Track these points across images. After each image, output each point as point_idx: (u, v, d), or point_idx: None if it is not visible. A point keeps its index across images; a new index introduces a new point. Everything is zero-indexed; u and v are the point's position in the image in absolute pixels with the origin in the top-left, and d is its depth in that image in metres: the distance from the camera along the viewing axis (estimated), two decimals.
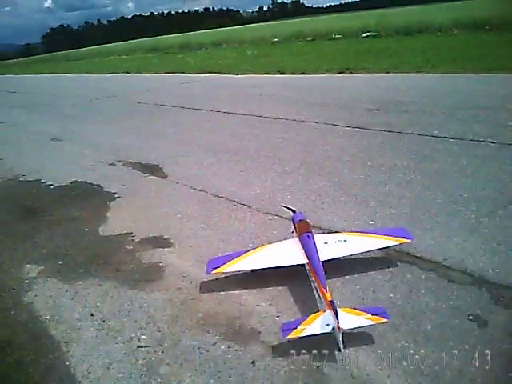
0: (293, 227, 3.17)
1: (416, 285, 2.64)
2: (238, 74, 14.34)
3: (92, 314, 2.76)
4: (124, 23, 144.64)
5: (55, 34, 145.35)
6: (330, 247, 2.86)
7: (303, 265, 2.79)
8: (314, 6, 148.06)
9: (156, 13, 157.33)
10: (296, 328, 2.17)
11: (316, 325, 2.18)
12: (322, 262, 2.66)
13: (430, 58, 11.62)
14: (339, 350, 2.15)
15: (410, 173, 4.42)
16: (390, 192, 4.03)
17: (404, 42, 17.19)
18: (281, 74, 13.03)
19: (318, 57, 15.57)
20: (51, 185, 5.45)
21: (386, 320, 2.19)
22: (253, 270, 2.87)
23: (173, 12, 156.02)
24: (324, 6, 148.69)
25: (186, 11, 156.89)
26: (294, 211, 3.34)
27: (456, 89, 8.24)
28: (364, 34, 21.61)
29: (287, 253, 2.89)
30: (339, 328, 2.11)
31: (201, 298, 2.77)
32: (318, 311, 2.31)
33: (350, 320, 2.17)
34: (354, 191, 4.13)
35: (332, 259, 2.76)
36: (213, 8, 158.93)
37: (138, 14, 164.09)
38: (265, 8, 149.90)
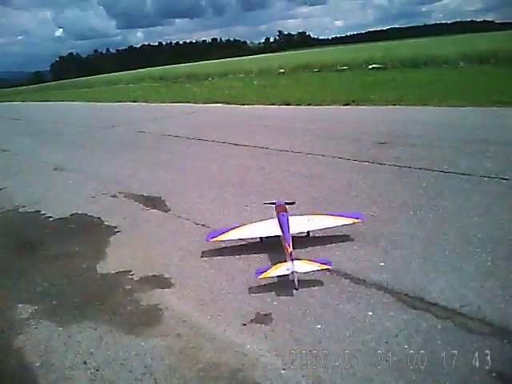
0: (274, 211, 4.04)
1: (432, 335, 2.46)
2: (243, 105, 14.35)
3: (85, 362, 2.59)
4: (132, 52, 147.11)
5: (64, 62, 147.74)
6: (299, 223, 3.82)
7: (279, 236, 3.64)
8: (320, 38, 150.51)
9: (164, 43, 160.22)
10: (266, 271, 3.10)
11: (280, 269, 3.09)
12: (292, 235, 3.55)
13: (437, 91, 11.58)
14: (296, 289, 3.07)
15: (420, 210, 4.26)
16: (401, 230, 3.87)
17: (410, 74, 17.23)
18: (287, 104, 13.00)
19: (324, 88, 15.58)
20: (50, 217, 5.33)
21: (329, 267, 3.13)
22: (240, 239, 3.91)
23: (181, 42, 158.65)
24: (330, 37, 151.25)
25: (194, 41, 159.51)
26: (274, 203, 4.21)
27: (464, 122, 8.13)
28: (370, 66, 21.72)
29: (267, 227, 3.86)
30: (295, 272, 3.04)
31: (201, 345, 2.60)
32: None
33: (304, 267, 3.09)
34: (362, 229, 3.97)
35: (299, 232, 3.78)
36: (220, 39, 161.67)
37: (146, 43, 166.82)
38: (271, 39, 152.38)
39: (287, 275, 3.09)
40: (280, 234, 3.62)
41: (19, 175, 7.80)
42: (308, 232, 3.90)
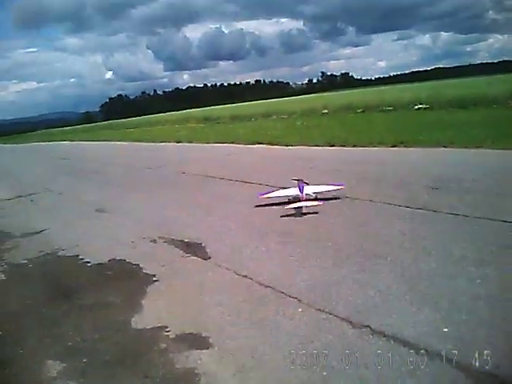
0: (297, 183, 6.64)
1: None
2: (287, 146, 14.15)
3: None
4: (178, 94, 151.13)
5: (113, 103, 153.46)
6: (309, 189, 6.57)
7: (298, 196, 6.35)
8: (364, 78, 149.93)
9: (209, 84, 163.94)
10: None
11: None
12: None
13: (489, 132, 11.03)
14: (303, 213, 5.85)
15: (483, 266, 3.83)
16: (463, 290, 3.46)
17: (458, 114, 16.68)
18: (331, 146, 12.70)
19: (369, 129, 15.23)
20: (88, 262, 5.19)
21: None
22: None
23: (225, 84, 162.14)
24: (373, 78, 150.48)
25: (238, 83, 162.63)
26: (297, 179, 6.71)
27: None
28: (416, 107, 21.26)
29: (293, 192, 6.54)
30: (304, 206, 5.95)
31: None
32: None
33: (311, 203, 6.01)
34: (419, 287, 3.59)
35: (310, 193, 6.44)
36: (263, 80, 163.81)
37: (192, 85, 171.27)
38: (314, 80, 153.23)
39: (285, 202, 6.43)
40: (299, 194, 6.39)
41: (61, 216, 7.81)
42: (316, 195, 6.51)
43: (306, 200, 6.22)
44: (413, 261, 4.12)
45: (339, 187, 6.64)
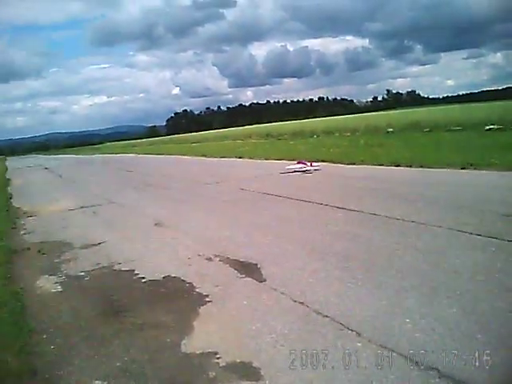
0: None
1: None
2: (349, 164, 13.77)
3: None
4: (242, 110, 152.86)
5: (178, 118, 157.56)
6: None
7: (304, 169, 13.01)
8: (431, 97, 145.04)
9: (272, 101, 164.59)
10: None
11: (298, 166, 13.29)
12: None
13: None
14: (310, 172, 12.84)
15: None
16: None
17: None
18: (396, 166, 12.21)
19: (436, 149, 14.56)
20: (143, 278, 5.14)
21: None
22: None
23: (288, 101, 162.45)
24: (441, 96, 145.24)
25: (301, 100, 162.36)
26: (299, 162, 13.62)
27: None
28: (487, 127, 20.25)
29: (298, 166, 13.32)
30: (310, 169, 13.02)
31: None
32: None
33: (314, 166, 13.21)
34: (493, 326, 3.23)
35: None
36: (327, 97, 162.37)
37: (255, 101, 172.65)
38: (379, 98, 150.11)
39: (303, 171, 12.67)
40: (302, 166, 13.08)
41: (120, 229, 7.89)
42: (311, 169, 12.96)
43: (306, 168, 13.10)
44: (486, 296, 3.75)
45: (319, 166, 13.31)
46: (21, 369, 3.35)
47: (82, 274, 5.55)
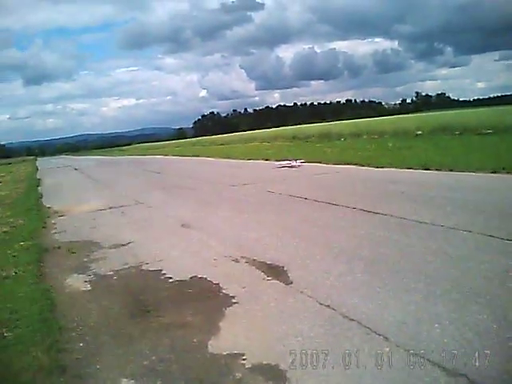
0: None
1: None
2: (377, 167, 13.58)
3: None
4: (268, 112, 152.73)
5: (205, 120, 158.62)
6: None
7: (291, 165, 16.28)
8: (461, 100, 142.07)
9: (299, 103, 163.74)
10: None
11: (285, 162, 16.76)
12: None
13: None
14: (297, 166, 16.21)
15: None
16: None
17: None
18: (425, 169, 12.00)
19: (467, 153, 14.27)
20: (171, 278, 5.19)
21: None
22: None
23: (315, 103, 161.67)
24: (471, 99, 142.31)
25: (328, 102, 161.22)
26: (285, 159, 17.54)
27: None
28: None
29: (287, 163, 16.94)
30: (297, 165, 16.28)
31: None
32: None
33: (299, 162, 16.58)
34: None
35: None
36: (355, 100, 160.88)
37: (282, 104, 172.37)
38: (408, 100, 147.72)
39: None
40: (290, 163, 16.61)
41: (148, 229, 7.98)
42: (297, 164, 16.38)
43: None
44: None
45: (302, 162, 16.51)
46: (50, 365, 3.42)
47: (111, 273, 5.64)
